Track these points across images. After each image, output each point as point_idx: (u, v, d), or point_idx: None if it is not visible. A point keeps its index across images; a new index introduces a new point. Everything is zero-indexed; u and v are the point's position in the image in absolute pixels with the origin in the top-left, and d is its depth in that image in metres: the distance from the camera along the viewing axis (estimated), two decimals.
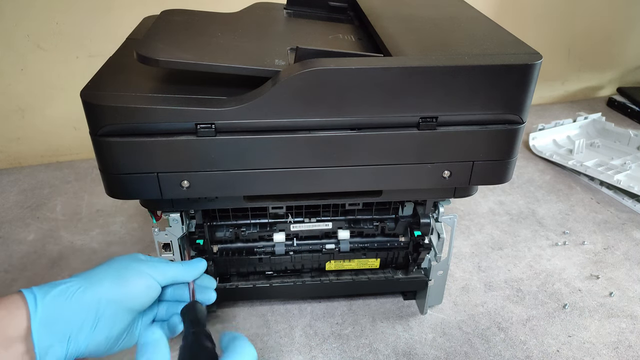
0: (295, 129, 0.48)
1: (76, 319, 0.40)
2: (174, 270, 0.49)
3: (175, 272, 0.49)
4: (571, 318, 0.71)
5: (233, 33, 0.56)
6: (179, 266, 0.50)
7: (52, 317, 0.39)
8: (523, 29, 1.32)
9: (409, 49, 0.49)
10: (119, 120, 0.45)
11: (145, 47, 0.47)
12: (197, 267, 0.52)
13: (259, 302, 0.73)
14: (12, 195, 1.00)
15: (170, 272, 0.48)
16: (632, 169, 1.01)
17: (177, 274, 0.49)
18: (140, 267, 0.46)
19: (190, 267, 0.51)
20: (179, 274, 0.49)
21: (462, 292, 0.76)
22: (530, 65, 0.46)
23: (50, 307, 0.39)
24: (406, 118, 0.48)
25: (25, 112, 1.07)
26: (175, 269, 0.49)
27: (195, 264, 0.52)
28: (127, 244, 0.85)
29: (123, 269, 0.45)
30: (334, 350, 0.66)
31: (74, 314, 0.40)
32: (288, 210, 0.63)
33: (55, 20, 0.99)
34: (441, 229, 0.64)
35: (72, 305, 0.40)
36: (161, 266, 0.48)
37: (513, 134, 0.50)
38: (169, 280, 0.48)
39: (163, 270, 0.48)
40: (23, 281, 0.77)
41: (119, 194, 0.51)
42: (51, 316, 0.39)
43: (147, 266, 0.47)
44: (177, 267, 0.50)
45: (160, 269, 0.48)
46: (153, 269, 0.47)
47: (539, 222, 0.92)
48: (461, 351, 0.66)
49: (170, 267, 0.49)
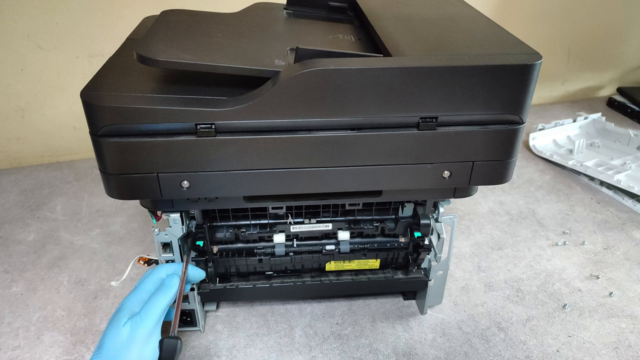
0: (295, 129, 0.48)
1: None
2: (157, 309, 0.51)
3: (159, 309, 0.52)
4: (571, 318, 0.71)
5: (233, 33, 0.56)
6: (159, 299, 0.52)
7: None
8: (523, 29, 1.32)
9: (409, 49, 0.49)
10: (119, 120, 0.45)
11: (145, 47, 0.47)
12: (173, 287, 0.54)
13: (259, 302, 0.73)
14: (12, 195, 1.00)
15: (156, 313, 0.51)
16: (632, 169, 1.01)
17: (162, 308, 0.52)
18: (135, 336, 0.49)
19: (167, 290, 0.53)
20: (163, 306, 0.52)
21: (462, 292, 0.76)
22: (530, 65, 0.46)
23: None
24: (406, 118, 0.48)
25: (25, 112, 1.07)
26: (158, 307, 0.52)
27: (166, 289, 0.54)
28: (127, 244, 0.85)
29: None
30: (334, 350, 0.66)
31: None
32: (288, 210, 0.63)
33: (55, 20, 0.99)
34: (441, 229, 0.64)
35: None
36: (146, 315, 0.50)
37: (513, 134, 0.50)
38: (161, 319, 0.52)
39: (150, 318, 0.50)
40: (23, 281, 0.77)
41: (119, 194, 0.51)
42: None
43: (136, 329, 0.49)
44: (158, 302, 0.52)
45: (147, 320, 0.50)
46: (141, 329, 0.49)
47: (539, 222, 0.92)
48: (461, 351, 0.66)
49: (153, 308, 0.51)
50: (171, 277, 0.55)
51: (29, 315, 0.71)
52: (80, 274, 0.79)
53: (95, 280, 0.77)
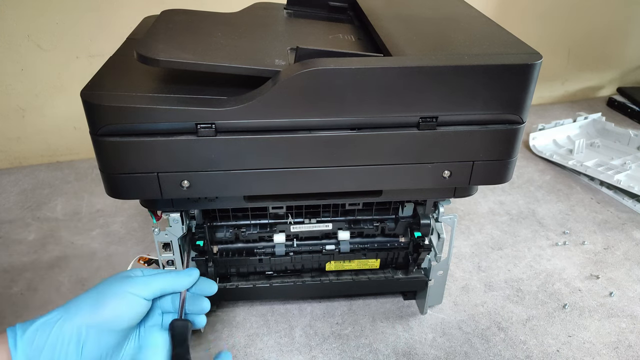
0: (295, 129, 0.48)
1: (59, 349, 0.42)
2: (160, 282, 0.48)
3: (161, 283, 0.48)
4: (571, 318, 0.71)
5: (233, 33, 0.56)
6: (167, 276, 0.49)
7: (35, 350, 0.41)
8: (523, 29, 1.32)
9: (409, 49, 0.49)
10: (119, 120, 0.45)
11: (145, 47, 0.47)
12: (187, 276, 0.51)
13: (259, 302, 0.73)
14: (12, 195, 1.00)
15: (156, 284, 0.48)
16: (632, 169, 1.01)
17: (165, 285, 0.49)
18: (123, 287, 0.46)
19: (179, 276, 0.50)
20: (167, 284, 0.49)
21: (462, 292, 0.76)
22: (530, 65, 0.46)
23: (30, 342, 0.41)
24: (406, 118, 0.48)
25: (25, 112, 1.07)
26: (161, 281, 0.48)
27: (186, 273, 0.51)
28: (127, 244, 0.85)
29: (102, 293, 0.45)
30: (334, 350, 0.66)
31: (56, 344, 0.42)
32: (288, 210, 0.63)
33: (55, 20, 0.99)
34: (441, 229, 0.64)
35: (52, 336, 0.42)
36: (146, 280, 0.47)
37: (513, 134, 0.50)
38: (155, 292, 0.48)
39: (148, 283, 0.47)
40: (23, 281, 0.77)
41: (119, 194, 0.51)
42: (33, 349, 0.41)
43: (131, 284, 0.46)
44: (165, 278, 0.49)
45: (145, 283, 0.47)
46: (136, 286, 0.46)
47: (539, 222, 0.92)
48: (461, 351, 0.66)
49: (157, 279, 0.48)
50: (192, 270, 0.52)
51: (29, 316, 0.71)
52: (80, 274, 0.79)
53: (95, 280, 0.77)
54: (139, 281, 0.47)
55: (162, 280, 0.49)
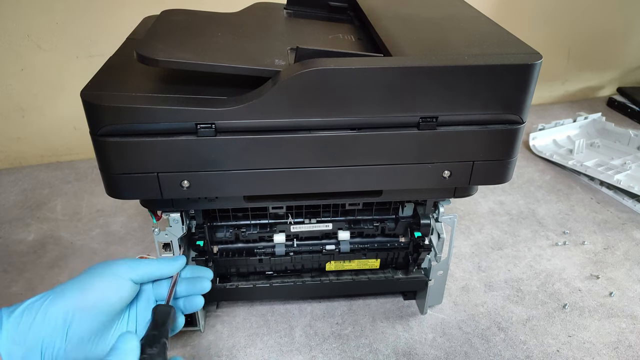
0: (295, 129, 0.48)
1: (45, 331, 0.42)
2: (146, 266, 0.49)
3: (147, 268, 0.49)
4: (571, 318, 0.71)
5: (233, 33, 0.56)
6: (154, 262, 0.50)
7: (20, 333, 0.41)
8: (523, 29, 1.32)
9: (409, 49, 0.49)
10: (119, 120, 0.45)
11: (145, 47, 0.47)
12: (174, 262, 0.51)
13: (259, 302, 0.73)
14: (12, 195, 1.00)
15: (142, 268, 0.48)
16: (632, 169, 1.01)
17: (151, 270, 0.49)
18: (110, 270, 0.46)
19: (166, 262, 0.51)
20: (153, 269, 0.49)
21: (462, 292, 0.76)
22: (530, 65, 0.46)
23: (16, 325, 0.41)
24: (406, 118, 0.48)
25: (25, 112, 1.07)
26: (148, 265, 0.49)
27: (173, 260, 0.51)
28: (127, 244, 0.85)
29: (90, 276, 0.45)
30: (334, 350, 0.66)
31: (42, 327, 0.42)
32: (288, 210, 0.63)
33: (55, 20, 0.99)
34: (441, 229, 0.64)
35: (38, 319, 0.42)
36: (133, 263, 0.48)
37: (513, 134, 0.50)
38: (142, 276, 0.48)
39: (134, 267, 0.48)
40: (23, 281, 0.77)
41: (119, 194, 0.51)
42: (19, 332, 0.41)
43: (117, 266, 0.47)
44: (152, 263, 0.49)
45: (131, 267, 0.47)
46: (122, 268, 0.47)
47: (539, 222, 0.92)
48: (461, 351, 0.66)
49: (143, 263, 0.49)
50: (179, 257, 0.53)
51: None
52: None
53: None
54: (125, 265, 0.47)
55: (148, 264, 0.49)
